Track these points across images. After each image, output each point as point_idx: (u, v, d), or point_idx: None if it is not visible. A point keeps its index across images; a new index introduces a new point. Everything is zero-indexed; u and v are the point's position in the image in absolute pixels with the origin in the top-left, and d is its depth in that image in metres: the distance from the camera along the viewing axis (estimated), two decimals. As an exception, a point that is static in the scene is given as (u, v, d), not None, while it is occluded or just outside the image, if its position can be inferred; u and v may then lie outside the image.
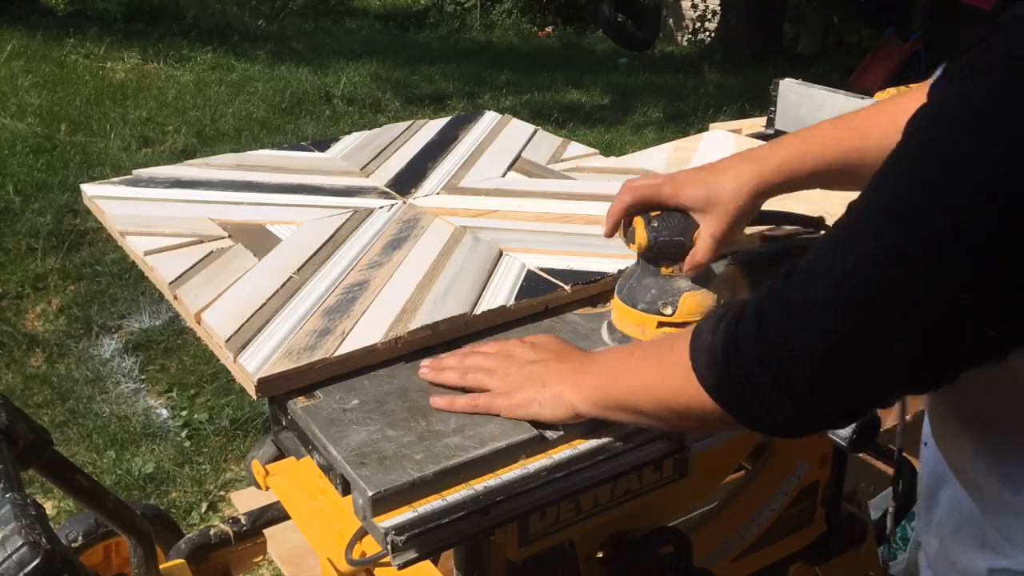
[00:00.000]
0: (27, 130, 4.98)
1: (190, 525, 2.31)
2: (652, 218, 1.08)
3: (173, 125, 5.38)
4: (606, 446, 1.01)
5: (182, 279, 1.26)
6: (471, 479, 0.94)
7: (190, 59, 6.94)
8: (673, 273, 1.09)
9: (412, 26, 9.74)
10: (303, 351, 1.07)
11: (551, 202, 1.53)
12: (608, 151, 2.53)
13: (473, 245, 1.37)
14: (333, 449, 0.95)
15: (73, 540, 1.62)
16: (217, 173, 1.67)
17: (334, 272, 1.28)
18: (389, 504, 0.90)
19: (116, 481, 2.45)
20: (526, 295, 1.22)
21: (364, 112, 6.12)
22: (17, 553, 0.84)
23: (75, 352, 3.09)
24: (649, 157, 1.82)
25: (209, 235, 1.40)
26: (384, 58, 7.44)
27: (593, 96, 7.11)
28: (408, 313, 1.17)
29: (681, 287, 1.09)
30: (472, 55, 8.24)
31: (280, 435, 1.11)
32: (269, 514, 1.71)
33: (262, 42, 7.75)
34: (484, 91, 6.90)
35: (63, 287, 3.49)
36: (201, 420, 2.73)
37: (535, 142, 1.85)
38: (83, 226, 3.87)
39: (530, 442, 0.98)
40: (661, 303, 1.09)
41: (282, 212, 1.49)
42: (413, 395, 1.05)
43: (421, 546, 0.90)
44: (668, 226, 1.07)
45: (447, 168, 1.69)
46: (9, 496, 0.91)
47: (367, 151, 1.79)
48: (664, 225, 1.07)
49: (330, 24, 9.38)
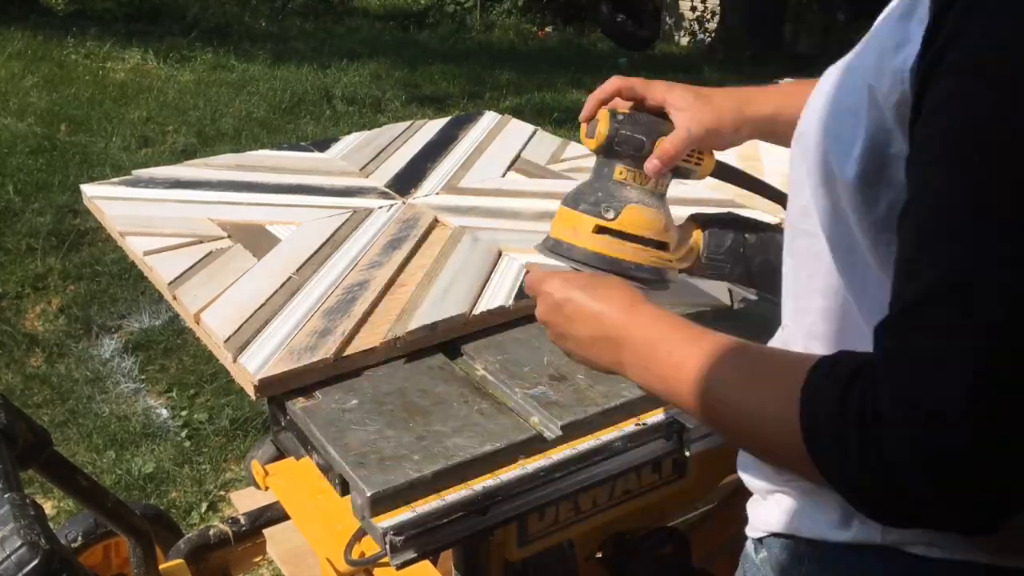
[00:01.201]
0: (27, 130, 4.97)
1: (190, 525, 2.31)
2: (618, 112, 1.01)
3: (173, 125, 5.37)
4: (605, 446, 1.01)
5: (181, 279, 1.26)
6: (470, 479, 0.94)
7: (190, 59, 6.94)
8: (625, 179, 1.00)
9: (412, 26, 9.74)
10: (303, 351, 1.07)
11: (551, 202, 1.53)
12: (608, 151, 2.52)
13: (472, 245, 1.37)
14: (332, 449, 0.95)
15: (72, 540, 1.62)
16: (217, 173, 1.67)
17: (334, 272, 1.28)
18: (388, 504, 0.90)
19: (116, 481, 2.45)
20: (525, 295, 1.22)
21: (364, 112, 6.12)
22: (16, 553, 0.84)
23: (75, 352, 3.09)
24: (648, 157, 1.82)
25: (209, 235, 1.40)
26: (384, 58, 7.44)
27: (593, 96, 7.10)
28: (407, 313, 1.17)
29: (629, 196, 1.00)
30: (472, 55, 8.23)
31: (279, 435, 1.11)
32: (269, 514, 1.71)
33: (262, 42, 7.75)
34: (484, 91, 6.90)
35: (63, 287, 3.48)
36: (201, 420, 2.73)
37: (535, 142, 1.85)
38: (83, 226, 3.86)
39: (529, 442, 0.98)
40: (604, 206, 0.99)
41: (282, 212, 1.49)
42: (412, 395, 1.05)
43: (420, 546, 0.90)
44: (634, 122, 1.00)
45: (447, 168, 1.69)
46: (8, 496, 0.91)
47: (367, 151, 1.79)
48: (630, 120, 1.00)
49: (330, 24, 9.38)
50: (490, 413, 1.02)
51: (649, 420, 1.05)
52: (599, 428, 1.03)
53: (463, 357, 1.16)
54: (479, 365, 1.13)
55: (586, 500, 1.06)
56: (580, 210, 1.00)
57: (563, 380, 1.08)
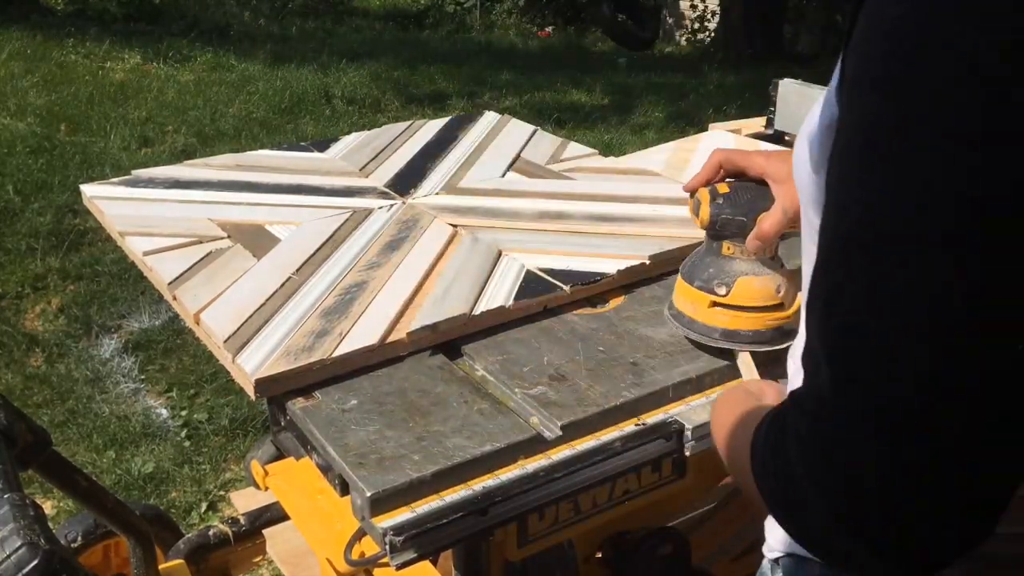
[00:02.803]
0: (27, 130, 4.97)
1: (190, 525, 2.31)
2: (719, 193, 1.05)
3: (173, 125, 5.37)
4: (605, 446, 1.01)
5: (181, 279, 1.26)
6: (470, 479, 0.94)
7: (190, 59, 6.94)
8: (734, 254, 1.06)
9: (412, 26, 9.74)
10: (301, 352, 1.07)
11: (550, 202, 1.53)
12: (608, 151, 2.52)
13: (472, 245, 1.37)
14: (332, 449, 0.95)
15: (72, 540, 1.62)
16: (216, 173, 1.67)
17: (333, 272, 1.28)
18: (387, 504, 0.90)
19: (116, 481, 2.45)
20: (525, 295, 1.22)
21: (364, 112, 6.12)
22: (16, 554, 0.84)
23: (75, 352, 3.09)
24: (649, 157, 1.82)
25: (208, 235, 1.40)
26: (384, 58, 7.44)
27: (593, 96, 7.10)
28: (407, 314, 1.17)
29: (739, 269, 1.06)
30: (472, 55, 8.23)
31: (279, 435, 1.11)
32: (268, 514, 1.71)
33: (262, 42, 7.75)
34: (484, 91, 6.90)
35: (63, 287, 3.49)
36: (201, 420, 2.73)
37: (534, 142, 1.85)
38: (83, 226, 3.87)
39: (528, 442, 0.98)
40: (716, 282, 1.06)
41: (281, 212, 1.49)
42: (412, 395, 1.05)
43: (419, 546, 0.90)
44: (733, 203, 1.04)
45: (446, 168, 1.69)
46: (8, 496, 0.91)
47: (366, 151, 1.79)
48: (729, 202, 1.04)
49: (330, 24, 9.38)
50: (490, 413, 1.02)
51: (649, 420, 1.05)
52: (599, 428, 1.03)
53: (463, 357, 1.16)
54: (479, 365, 1.13)
55: (586, 500, 1.06)
56: (695, 287, 1.08)
57: (563, 380, 1.08)
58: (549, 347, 1.15)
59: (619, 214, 1.47)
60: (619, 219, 1.45)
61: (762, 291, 1.06)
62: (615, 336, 1.18)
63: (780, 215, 1.01)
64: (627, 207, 1.50)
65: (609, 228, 1.42)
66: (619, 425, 1.04)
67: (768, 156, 1.05)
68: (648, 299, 1.28)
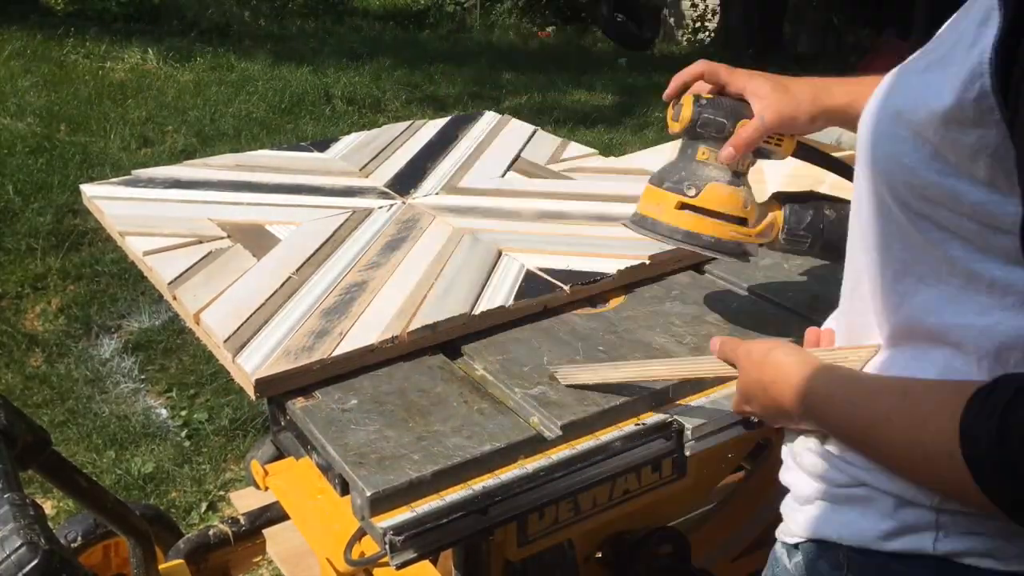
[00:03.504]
0: (27, 130, 4.97)
1: (190, 525, 2.30)
2: (702, 96, 1.07)
3: (173, 125, 5.37)
4: (605, 446, 1.01)
5: (181, 279, 1.26)
6: (469, 479, 0.94)
7: (190, 59, 6.94)
8: (708, 159, 1.07)
9: (412, 26, 9.73)
10: (301, 351, 1.07)
11: (550, 202, 1.53)
12: (608, 151, 2.52)
13: (472, 245, 1.37)
14: (331, 449, 0.95)
15: (72, 540, 1.62)
16: (216, 173, 1.67)
17: (333, 272, 1.28)
18: (387, 504, 0.90)
19: (115, 481, 2.45)
20: (525, 295, 1.22)
21: (364, 112, 6.11)
22: (16, 553, 0.84)
23: (75, 352, 3.09)
24: (649, 157, 1.82)
25: (208, 235, 1.40)
26: (384, 58, 7.43)
27: (593, 96, 7.10)
28: (407, 313, 1.17)
29: (711, 175, 1.07)
30: (472, 55, 8.22)
31: (279, 435, 1.11)
32: (268, 514, 1.71)
33: (262, 42, 7.74)
34: (484, 91, 6.89)
35: (63, 287, 3.48)
36: (201, 420, 2.73)
37: (534, 142, 1.85)
38: (83, 226, 3.86)
39: (528, 442, 0.98)
40: (687, 184, 1.07)
41: (281, 212, 1.49)
42: (412, 395, 1.05)
43: (419, 546, 0.90)
44: (716, 106, 1.06)
45: (446, 168, 1.69)
46: (8, 496, 0.91)
47: (366, 151, 1.79)
48: (712, 105, 1.06)
49: (330, 24, 9.37)
50: (490, 413, 1.02)
51: (649, 420, 1.05)
52: (599, 428, 1.03)
53: (463, 357, 1.16)
54: (479, 365, 1.13)
55: (586, 500, 1.06)
56: (664, 188, 1.08)
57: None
58: (549, 347, 1.15)
59: (619, 214, 1.47)
60: (619, 219, 1.45)
61: (731, 199, 1.07)
62: (615, 336, 1.18)
63: (758, 123, 1.03)
64: (627, 207, 1.50)
65: (609, 228, 1.42)
66: (619, 425, 1.04)
67: (751, 74, 1.07)
68: (648, 299, 1.28)
